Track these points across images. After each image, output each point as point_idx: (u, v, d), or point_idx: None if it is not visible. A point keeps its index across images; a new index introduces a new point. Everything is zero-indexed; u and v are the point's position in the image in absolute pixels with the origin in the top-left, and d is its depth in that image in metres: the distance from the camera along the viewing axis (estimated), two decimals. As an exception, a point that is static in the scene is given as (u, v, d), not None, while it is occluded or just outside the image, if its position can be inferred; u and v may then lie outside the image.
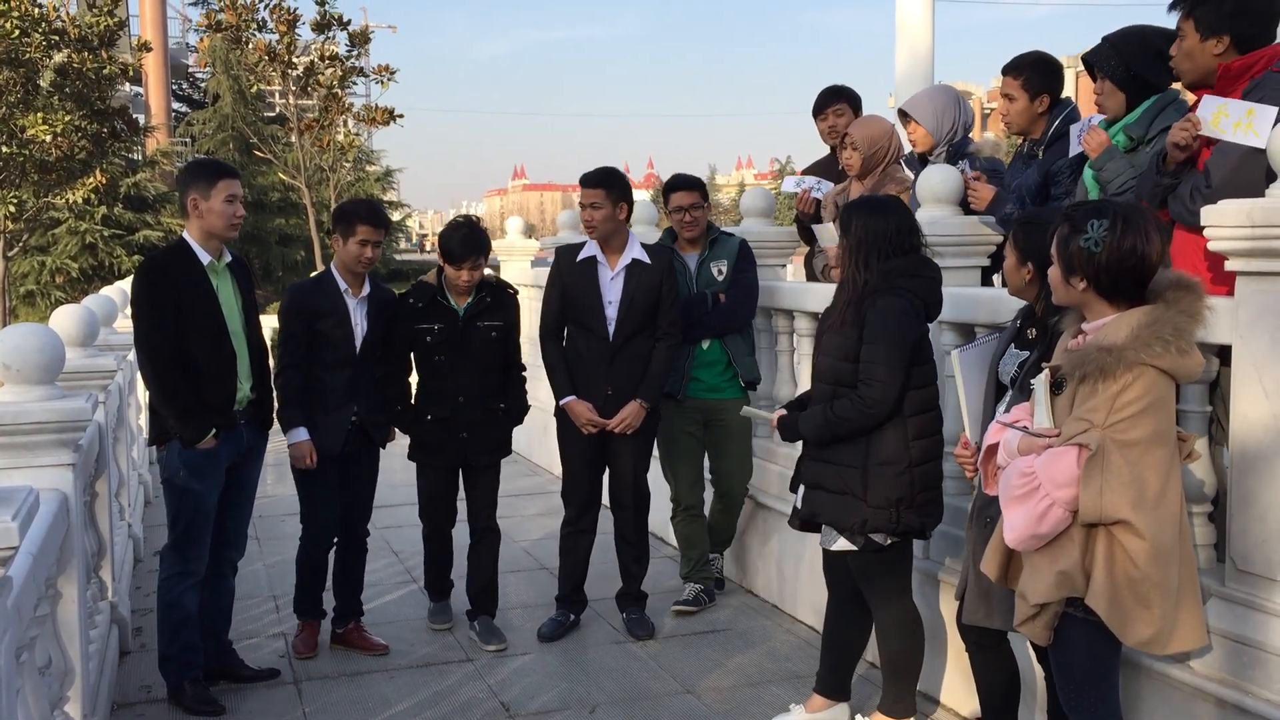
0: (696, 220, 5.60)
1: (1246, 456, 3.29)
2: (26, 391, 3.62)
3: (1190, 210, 3.56)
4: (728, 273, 5.61)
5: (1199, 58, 3.76)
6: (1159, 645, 3.04)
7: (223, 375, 4.52)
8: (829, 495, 4.00)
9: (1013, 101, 4.71)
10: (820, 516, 4.06)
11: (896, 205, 4.09)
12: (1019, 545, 3.09)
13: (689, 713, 4.56)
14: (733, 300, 5.59)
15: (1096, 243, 2.95)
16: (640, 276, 5.25)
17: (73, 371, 4.46)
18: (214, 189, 4.48)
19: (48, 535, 3.19)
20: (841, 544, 4.03)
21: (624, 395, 5.26)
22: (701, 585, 5.75)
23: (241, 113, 26.95)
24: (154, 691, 4.79)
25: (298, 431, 4.95)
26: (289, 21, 18.22)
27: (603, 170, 5.32)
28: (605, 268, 5.28)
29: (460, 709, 4.60)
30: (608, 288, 5.26)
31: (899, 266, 3.95)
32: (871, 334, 3.90)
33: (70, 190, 16.35)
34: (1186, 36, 3.78)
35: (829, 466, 4.01)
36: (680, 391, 5.59)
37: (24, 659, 2.83)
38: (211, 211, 4.48)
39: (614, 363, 5.25)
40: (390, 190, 30.86)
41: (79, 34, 15.70)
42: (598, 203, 5.19)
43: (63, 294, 20.01)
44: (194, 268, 4.48)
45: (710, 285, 5.60)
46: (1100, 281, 2.99)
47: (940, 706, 4.56)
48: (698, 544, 5.78)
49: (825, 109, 6.01)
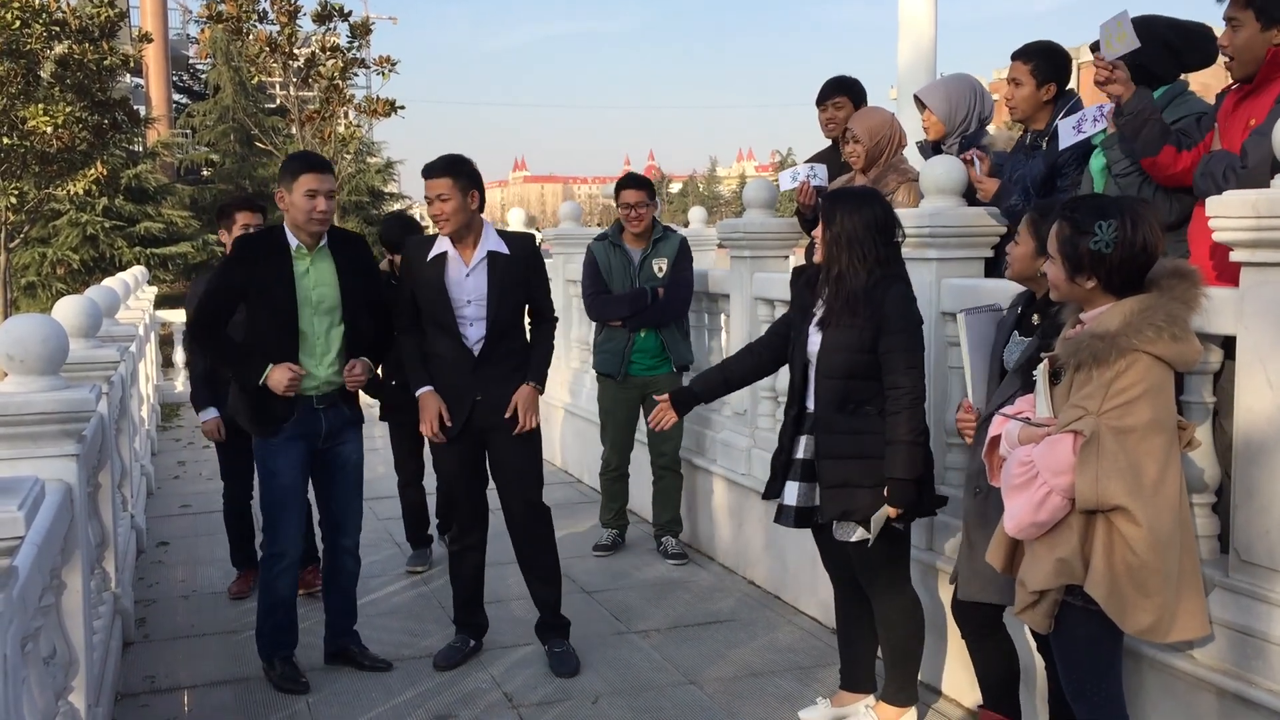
0: (642, 216, 6.38)
1: (1250, 447, 3.29)
2: (30, 382, 3.61)
3: (1220, 189, 3.52)
4: (668, 269, 6.37)
5: (1258, 48, 3.67)
6: (1159, 634, 3.04)
7: (285, 357, 4.59)
8: (863, 491, 3.94)
9: (1019, 87, 4.70)
10: (855, 515, 3.96)
11: (875, 195, 4.11)
12: (1019, 534, 3.11)
13: (692, 703, 4.57)
14: (670, 296, 6.34)
15: (1108, 244, 2.96)
16: (503, 269, 4.78)
17: (76, 362, 4.45)
18: (295, 183, 4.59)
19: (52, 525, 3.19)
20: (860, 534, 4.00)
21: (498, 402, 4.79)
22: (617, 530, 6.74)
23: (242, 104, 26.88)
24: (157, 682, 4.81)
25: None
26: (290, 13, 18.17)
27: (446, 158, 4.78)
28: (458, 263, 4.77)
29: (463, 699, 4.61)
30: (462, 286, 4.75)
31: (892, 254, 3.99)
32: (893, 324, 3.90)
33: (71, 182, 16.31)
34: (1244, 26, 3.68)
35: (861, 462, 3.93)
36: (619, 374, 6.45)
37: (29, 649, 2.83)
38: (293, 205, 4.60)
39: (481, 368, 4.77)
40: (391, 182, 30.80)
41: (80, 25, 15.66)
42: (445, 194, 4.67)
43: (64, 285, 19.96)
44: (277, 249, 4.62)
45: (651, 280, 6.37)
46: (1111, 280, 3.00)
47: (942, 696, 4.57)
48: (618, 497, 6.77)
49: (826, 101, 6.00)
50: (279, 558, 4.73)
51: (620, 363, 6.44)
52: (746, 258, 6.20)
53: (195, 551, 6.79)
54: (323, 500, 4.88)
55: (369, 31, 19.42)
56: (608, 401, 6.66)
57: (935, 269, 4.66)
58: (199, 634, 5.41)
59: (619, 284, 6.45)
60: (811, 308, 4.12)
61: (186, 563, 6.59)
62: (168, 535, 7.17)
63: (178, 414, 12.12)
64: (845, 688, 4.36)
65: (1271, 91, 3.67)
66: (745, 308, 6.20)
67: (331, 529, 4.89)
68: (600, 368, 6.68)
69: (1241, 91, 3.78)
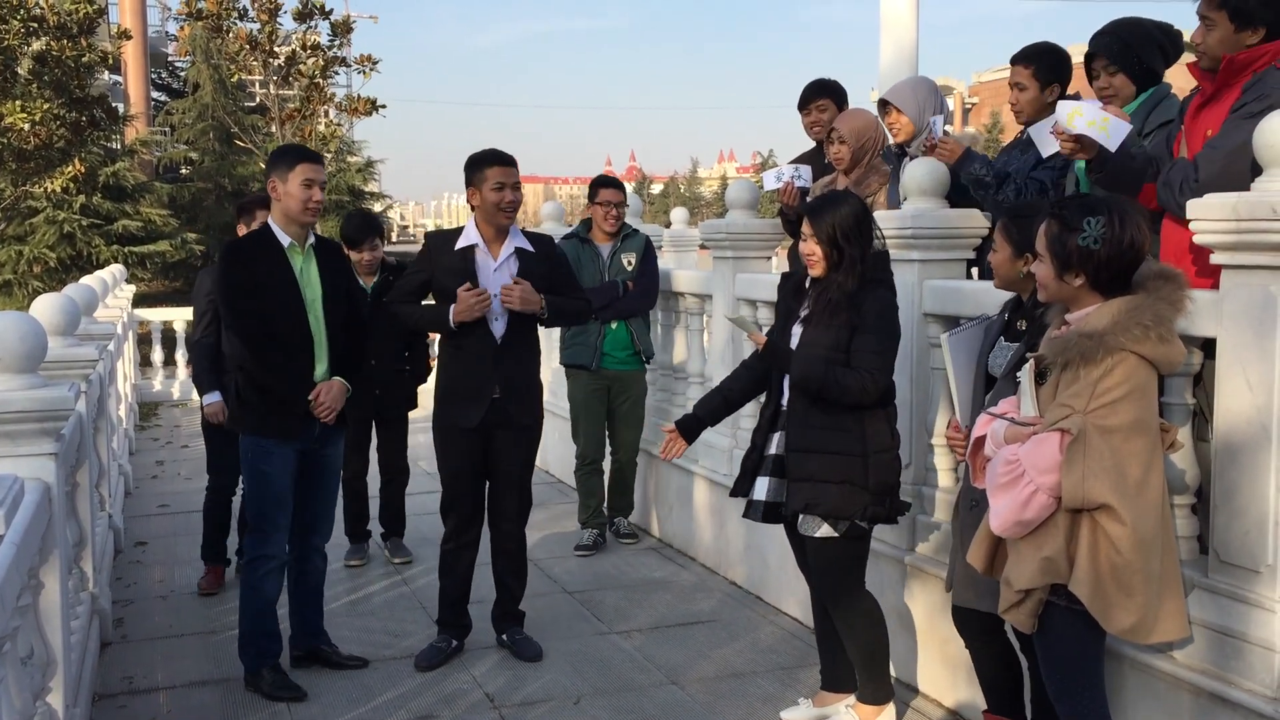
0: (619, 216, 6.74)
1: (1230, 449, 3.31)
2: (8, 380, 3.58)
3: (1178, 202, 3.57)
4: (636, 263, 6.71)
5: (1232, 47, 3.67)
6: (1142, 634, 3.06)
7: (299, 357, 4.59)
8: (830, 486, 3.96)
9: (1023, 91, 4.72)
10: (819, 508, 3.99)
11: (853, 198, 4.12)
12: (1005, 532, 3.11)
13: (673, 704, 4.57)
14: (640, 289, 6.71)
15: (1096, 239, 2.98)
16: (530, 266, 4.92)
17: (54, 360, 4.41)
18: (292, 172, 4.57)
19: (31, 525, 3.16)
20: (825, 530, 4.03)
21: (514, 397, 4.89)
22: (597, 530, 6.80)
23: (222, 102, 26.72)
24: (135, 683, 4.78)
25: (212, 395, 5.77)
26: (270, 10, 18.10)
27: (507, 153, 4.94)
28: (486, 256, 4.88)
29: (445, 700, 4.59)
30: (491, 277, 4.86)
31: (875, 257, 4.00)
32: (868, 325, 3.92)
33: (48, 179, 16.20)
34: (1217, 26, 3.68)
35: (829, 457, 3.96)
36: (593, 363, 6.69)
37: (7, 649, 2.80)
38: (289, 195, 4.57)
39: (503, 360, 4.87)
40: (372, 181, 30.69)
41: (58, 21, 15.54)
42: (519, 183, 4.91)
43: (40, 284, 19.78)
44: (273, 250, 4.59)
45: (620, 274, 6.69)
46: (1099, 277, 3.03)
47: (920, 695, 4.59)
48: (595, 493, 6.86)
49: (809, 104, 6.01)
50: (266, 560, 4.68)
51: (593, 354, 6.68)
52: (729, 258, 6.21)
53: (173, 551, 6.75)
54: (301, 501, 4.79)
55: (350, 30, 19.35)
56: (580, 395, 6.82)
57: (917, 270, 4.68)
58: (177, 634, 5.37)
59: (589, 278, 6.58)
60: (797, 310, 4.14)
61: (164, 563, 6.55)
62: (145, 535, 7.13)
63: (156, 413, 12.05)
64: (826, 687, 4.37)
65: (1227, 101, 3.70)
66: (728, 308, 6.21)
67: (304, 530, 4.84)
68: (572, 360, 6.79)
69: (1203, 97, 3.81)
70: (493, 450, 4.96)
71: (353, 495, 6.52)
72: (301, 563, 4.89)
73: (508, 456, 4.97)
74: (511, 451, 4.97)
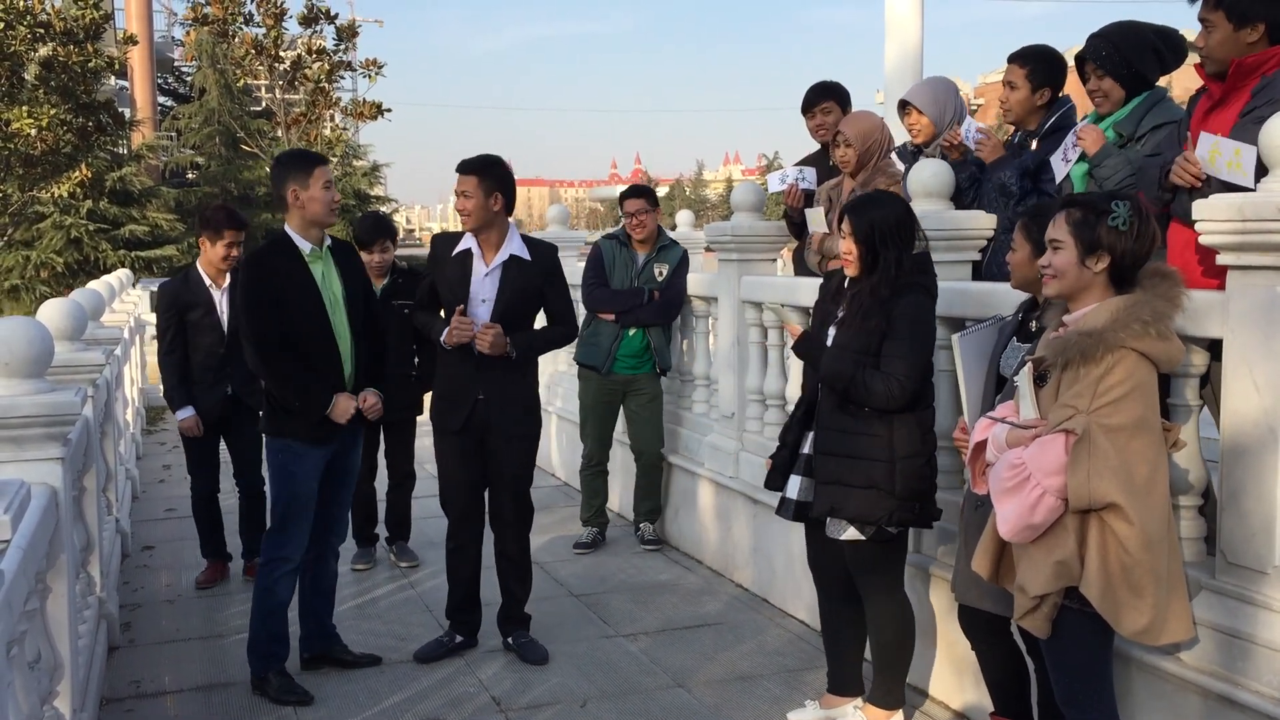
0: (644, 223, 6.62)
1: (1237, 450, 3.30)
2: (16, 385, 3.59)
3: (1184, 205, 3.56)
4: (667, 275, 6.64)
5: (1233, 48, 3.66)
6: (1152, 635, 3.05)
7: (328, 361, 4.62)
8: (855, 490, 3.94)
9: (1014, 90, 4.71)
10: (843, 512, 3.97)
11: (896, 199, 4.10)
12: (1013, 537, 3.10)
13: (680, 707, 4.56)
14: (665, 300, 6.64)
15: (1125, 221, 3.04)
16: (518, 273, 4.89)
17: (61, 365, 4.43)
18: (311, 177, 4.58)
19: (38, 529, 3.17)
20: (851, 533, 4.02)
21: (499, 402, 4.89)
22: (597, 528, 6.84)
23: (228, 107, 26.80)
24: (143, 687, 4.78)
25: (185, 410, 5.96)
26: (276, 15, 18.17)
27: (480, 158, 4.90)
28: (479, 262, 4.90)
29: (451, 703, 4.59)
30: (480, 284, 4.88)
31: (913, 261, 3.97)
32: (898, 329, 3.89)
33: (55, 184, 16.27)
34: (1217, 28, 3.68)
35: (853, 462, 3.94)
36: (604, 367, 6.62)
37: (14, 653, 2.81)
38: (313, 199, 4.58)
39: (485, 367, 4.84)
40: (377, 185, 30.75)
41: (64, 27, 15.61)
42: (468, 191, 4.80)
43: (48, 289, 19.86)
44: (294, 259, 4.60)
45: (650, 283, 6.62)
46: (1123, 262, 3.06)
47: (930, 699, 4.58)
48: (599, 493, 6.89)
49: (813, 107, 6.00)
50: (284, 561, 4.70)
51: (605, 357, 6.62)
52: (734, 260, 6.21)
53: (180, 555, 6.76)
54: (322, 503, 4.80)
55: (355, 34, 19.41)
56: (589, 396, 6.83)
57: (923, 272, 4.66)
58: (184, 638, 5.38)
59: (619, 281, 6.64)
60: (835, 312, 4.13)
61: (171, 567, 6.55)
62: (152, 539, 7.14)
63: (163, 418, 12.06)
64: (833, 690, 4.37)
65: (1236, 105, 3.68)
66: (733, 310, 6.21)
67: (324, 530, 4.88)
68: (584, 359, 6.78)
69: (1211, 101, 3.80)
70: (486, 455, 4.99)
71: (361, 498, 6.52)
72: (318, 563, 4.92)
73: (499, 462, 4.99)
74: (503, 457, 4.98)
